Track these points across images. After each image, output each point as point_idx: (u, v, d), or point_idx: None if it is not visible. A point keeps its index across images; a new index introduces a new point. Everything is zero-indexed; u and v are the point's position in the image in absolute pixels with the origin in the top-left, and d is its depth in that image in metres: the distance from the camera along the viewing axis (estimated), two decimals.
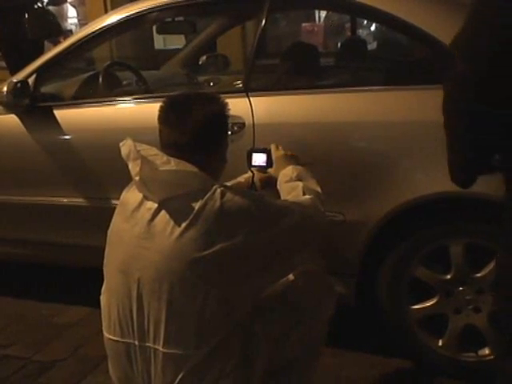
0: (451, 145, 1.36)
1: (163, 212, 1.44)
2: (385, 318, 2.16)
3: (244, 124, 2.17)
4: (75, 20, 7.63)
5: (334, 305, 1.76)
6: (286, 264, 1.60)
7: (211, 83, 3.09)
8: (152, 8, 2.50)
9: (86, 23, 4.08)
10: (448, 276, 2.01)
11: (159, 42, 6.52)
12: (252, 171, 1.92)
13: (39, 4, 4.74)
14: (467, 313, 2.01)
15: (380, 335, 2.24)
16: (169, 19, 3.13)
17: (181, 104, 1.56)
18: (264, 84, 2.52)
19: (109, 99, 2.57)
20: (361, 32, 6.65)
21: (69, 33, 5.30)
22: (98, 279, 1.61)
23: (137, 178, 1.45)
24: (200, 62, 3.53)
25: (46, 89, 2.69)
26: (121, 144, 1.50)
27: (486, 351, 2.02)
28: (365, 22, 6.53)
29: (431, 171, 1.92)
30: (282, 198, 1.74)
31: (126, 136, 1.52)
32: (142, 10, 2.50)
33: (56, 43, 3.84)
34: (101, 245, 1.59)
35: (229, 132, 1.66)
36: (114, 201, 1.76)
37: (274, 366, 1.61)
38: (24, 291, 2.91)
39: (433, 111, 1.47)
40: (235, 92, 2.33)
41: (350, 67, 2.79)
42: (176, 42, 5.07)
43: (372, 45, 5.41)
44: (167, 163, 1.44)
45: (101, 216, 1.73)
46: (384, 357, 2.23)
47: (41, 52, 4.15)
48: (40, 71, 2.57)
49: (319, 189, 1.75)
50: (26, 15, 4.56)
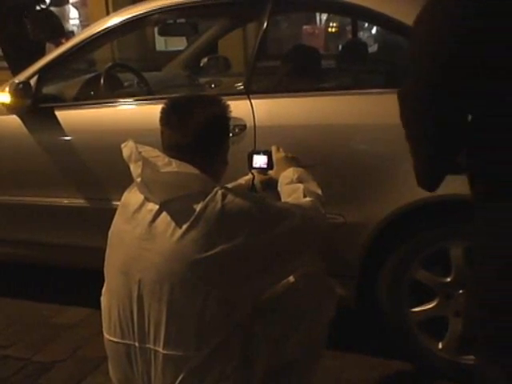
0: (412, 148, 1.31)
1: (164, 213, 1.44)
2: (385, 321, 2.16)
3: (245, 126, 2.17)
4: (77, 21, 7.65)
5: (335, 307, 1.76)
6: (287, 266, 1.60)
7: (212, 85, 3.09)
8: (154, 10, 2.50)
9: (88, 24, 4.09)
10: (448, 279, 2.01)
11: (161, 44, 6.53)
12: (253, 173, 1.92)
13: (42, 5, 4.74)
14: None
15: (380, 337, 2.24)
16: (170, 21, 3.14)
17: (182, 106, 1.56)
18: (265, 86, 2.53)
19: (110, 101, 2.57)
20: (362, 34, 6.65)
21: (71, 34, 5.30)
22: (98, 280, 1.61)
23: (138, 180, 1.45)
24: (201, 64, 3.53)
25: (48, 90, 2.69)
26: (122, 145, 1.51)
27: None
28: (366, 25, 6.53)
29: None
30: (283, 200, 1.74)
31: (128, 137, 1.52)
32: (144, 12, 2.51)
33: (58, 44, 3.84)
34: (101, 246, 1.59)
35: (230, 134, 1.66)
36: (115, 202, 1.76)
37: (274, 368, 1.61)
38: (24, 292, 2.90)
39: None
40: (236, 94, 2.33)
41: (351, 70, 2.79)
42: (177, 44, 5.08)
43: (373, 47, 5.41)
44: (169, 165, 1.44)
45: (102, 217, 1.73)
46: (384, 359, 2.23)
47: (42, 53, 4.16)
48: (42, 72, 2.57)
49: (320, 191, 1.76)
50: (28, 16, 4.56)
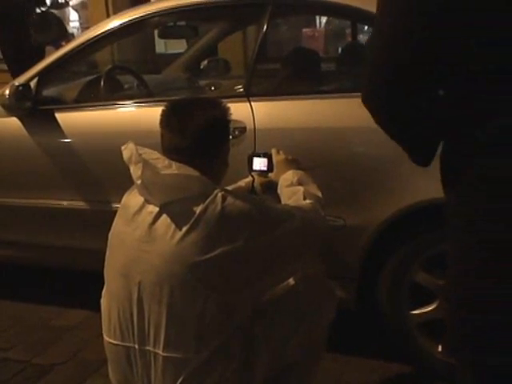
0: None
1: (164, 216, 1.44)
2: (385, 323, 2.16)
3: (245, 128, 2.18)
4: (77, 24, 7.66)
5: (335, 309, 1.76)
6: (287, 268, 1.60)
7: (212, 88, 3.10)
8: (154, 13, 2.51)
9: (88, 27, 4.10)
10: None
11: (160, 47, 6.52)
12: (252, 175, 1.92)
13: (42, 8, 4.75)
14: None
15: (380, 340, 2.24)
16: (170, 24, 3.14)
17: (182, 108, 1.56)
18: (265, 89, 2.53)
19: (110, 103, 2.58)
20: (361, 37, 6.66)
21: (71, 37, 5.30)
22: (98, 282, 1.61)
23: (138, 182, 1.45)
24: (201, 67, 3.54)
25: (48, 92, 2.69)
26: (123, 147, 1.50)
27: None
28: (365, 28, 6.53)
29: (432, 176, 1.90)
30: (283, 203, 1.74)
31: (128, 140, 1.52)
32: (144, 15, 2.51)
33: (58, 47, 3.84)
34: (101, 248, 1.59)
35: (230, 136, 1.66)
36: (115, 204, 1.76)
37: (274, 370, 1.61)
38: (24, 294, 2.90)
39: None
40: (236, 96, 2.34)
41: (351, 72, 2.80)
42: (177, 47, 5.08)
43: None
44: (169, 167, 1.44)
45: (102, 219, 1.73)
46: (384, 361, 2.23)
47: (42, 55, 4.16)
48: (42, 74, 2.57)
49: (320, 193, 1.76)
50: (30, 19, 4.58)
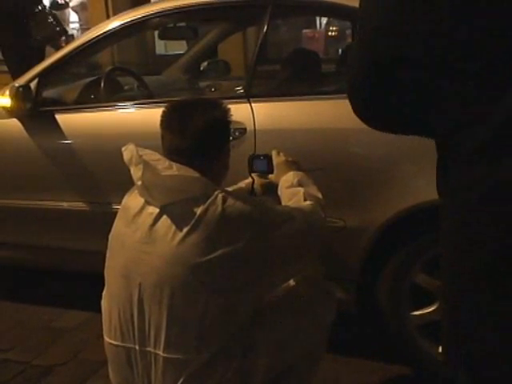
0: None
1: (165, 217, 1.44)
2: (385, 324, 2.16)
3: (245, 130, 2.18)
4: (77, 25, 7.65)
5: (335, 310, 1.76)
6: (287, 269, 1.60)
7: (212, 89, 3.10)
8: (154, 14, 2.51)
9: (88, 28, 4.10)
10: None
11: (161, 48, 6.53)
12: (253, 177, 1.92)
13: (39, 7, 4.76)
14: None
15: (380, 341, 2.24)
16: (171, 25, 3.14)
17: (183, 109, 1.56)
18: (265, 90, 2.53)
19: (110, 104, 2.58)
20: None
21: (70, 38, 5.30)
22: (98, 284, 1.61)
23: (139, 183, 1.45)
24: (201, 68, 3.54)
25: (48, 93, 2.69)
26: (123, 149, 1.51)
27: None
28: None
29: (433, 177, 1.90)
30: (283, 204, 1.74)
31: (128, 141, 1.53)
32: (144, 16, 2.51)
33: (58, 48, 3.85)
34: (102, 249, 1.59)
35: (230, 138, 1.66)
36: (116, 205, 1.76)
37: (275, 371, 1.61)
38: (24, 296, 2.90)
39: None
40: (236, 98, 2.33)
41: None
42: (177, 48, 5.08)
43: None
44: (169, 168, 1.44)
45: (102, 221, 1.73)
46: (384, 363, 2.23)
47: (42, 57, 4.17)
48: (42, 76, 2.57)
49: (320, 195, 1.75)
50: (30, 19, 4.59)
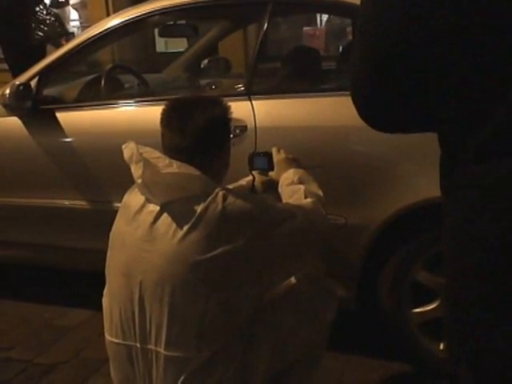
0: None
1: (165, 215, 1.44)
2: (386, 322, 2.16)
3: (246, 127, 2.17)
4: (77, 23, 7.65)
5: (335, 308, 1.76)
6: (287, 267, 1.60)
7: (213, 86, 3.09)
8: (154, 11, 2.50)
9: (88, 26, 4.08)
10: None
11: (161, 45, 6.52)
12: (253, 174, 1.92)
13: (41, 6, 4.76)
14: None
15: (381, 339, 2.24)
16: (171, 22, 3.13)
17: (183, 107, 1.56)
18: (266, 87, 2.52)
19: (111, 102, 2.57)
20: None
21: (71, 36, 5.30)
22: (100, 282, 1.61)
23: (139, 181, 1.45)
24: (202, 66, 3.53)
25: (49, 91, 2.69)
26: (123, 147, 1.51)
27: None
28: None
29: (433, 174, 1.88)
30: (284, 202, 1.74)
31: (128, 139, 1.52)
32: (144, 14, 2.51)
33: (59, 46, 3.85)
34: (102, 248, 1.59)
35: (231, 135, 1.66)
36: (116, 204, 1.76)
37: (275, 369, 1.61)
38: (26, 294, 2.90)
39: None
40: (237, 95, 2.33)
41: None
42: (178, 46, 5.08)
43: None
44: (169, 166, 1.44)
45: (103, 219, 1.73)
46: (385, 360, 2.23)
47: (43, 55, 4.17)
48: (42, 74, 2.57)
49: (321, 192, 1.75)
50: (31, 17, 4.60)
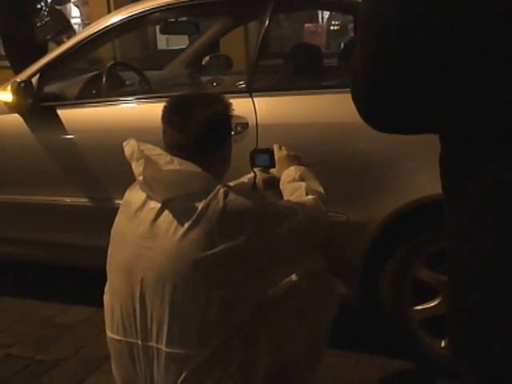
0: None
1: (166, 212, 1.44)
2: (387, 319, 2.15)
3: (247, 124, 2.17)
4: (78, 20, 7.64)
5: (337, 306, 1.76)
6: (288, 265, 1.60)
7: (214, 84, 3.09)
8: (155, 8, 2.50)
9: (89, 23, 4.08)
10: None
11: (162, 43, 6.52)
12: (254, 171, 1.92)
13: (42, 3, 4.76)
14: None
15: (382, 336, 2.23)
16: (172, 19, 3.13)
17: (184, 104, 1.56)
18: (267, 84, 2.53)
19: (112, 99, 2.57)
20: None
21: (72, 33, 5.30)
22: (101, 279, 1.61)
23: (140, 178, 1.45)
24: (203, 63, 3.52)
25: (50, 89, 2.69)
26: (124, 144, 1.50)
27: None
28: None
29: (435, 172, 1.88)
30: (285, 199, 1.74)
31: (130, 136, 1.52)
32: (145, 10, 2.50)
33: (60, 43, 3.84)
34: (103, 245, 1.59)
35: (232, 132, 1.66)
36: (118, 201, 1.76)
37: (277, 367, 1.61)
38: (27, 291, 2.90)
39: None
40: (238, 92, 2.33)
41: None
42: (179, 43, 5.08)
43: None
44: (171, 163, 1.44)
45: (104, 216, 1.73)
46: (386, 358, 2.23)
47: (44, 52, 4.16)
48: (43, 71, 2.57)
49: (322, 189, 1.75)
50: (32, 14, 4.60)
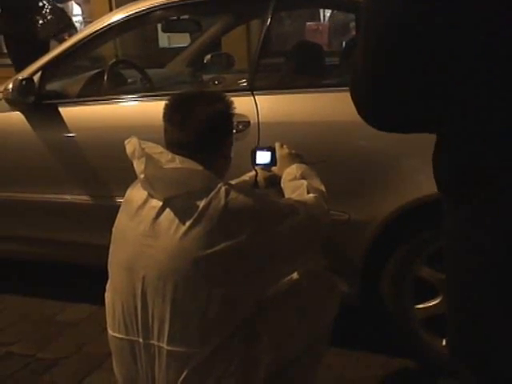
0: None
1: (168, 210, 1.44)
2: (388, 318, 2.15)
3: (249, 122, 2.17)
4: (80, 18, 7.64)
5: (338, 304, 1.76)
6: (289, 263, 1.60)
7: (216, 82, 3.09)
8: (157, 6, 2.50)
9: (91, 21, 4.08)
10: None
11: (164, 41, 6.52)
12: (256, 170, 1.92)
13: (44, 1, 4.76)
14: None
15: (383, 334, 2.23)
16: (174, 17, 3.13)
17: (186, 102, 1.55)
18: (269, 83, 2.52)
19: (113, 97, 2.57)
20: None
21: (74, 31, 5.30)
22: (102, 277, 1.61)
23: (141, 176, 1.45)
24: (205, 61, 3.52)
25: (51, 86, 2.69)
26: (126, 142, 1.50)
27: None
28: None
29: None
30: (286, 197, 1.74)
31: (131, 134, 1.52)
32: (147, 8, 2.50)
33: (61, 41, 3.85)
34: (105, 243, 1.59)
35: (233, 130, 1.66)
36: (119, 199, 1.76)
37: (278, 366, 1.61)
38: (28, 289, 2.91)
39: None
40: (240, 91, 2.33)
41: None
42: (181, 41, 5.07)
43: None
44: (172, 161, 1.44)
45: (105, 214, 1.73)
46: (387, 356, 2.23)
47: (46, 50, 4.16)
48: (45, 69, 2.57)
49: (323, 187, 1.75)
50: (34, 12, 4.61)
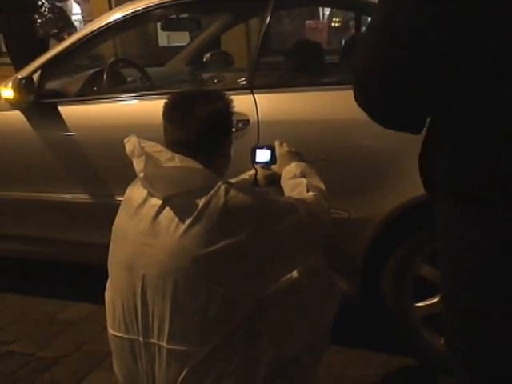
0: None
1: (167, 209, 1.44)
2: (388, 316, 2.15)
3: (248, 121, 2.17)
4: (79, 17, 7.65)
5: (338, 303, 1.76)
6: (289, 261, 1.60)
7: (215, 80, 3.08)
8: (156, 5, 2.50)
9: (91, 20, 4.09)
10: None
11: (163, 39, 6.52)
12: (255, 168, 1.92)
13: (43, 0, 4.77)
14: None
15: (383, 333, 2.23)
16: (173, 16, 3.13)
17: (185, 101, 1.55)
18: (268, 81, 2.52)
19: (113, 96, 2.57)
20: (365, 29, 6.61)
21: (73, 29, 5.31)
22: (102, 276, 1.61)
23: (141, 175, 1.45)
24: (204, 59, 3.52)
25: (51, 85, 2.69)
26: (125, 140, 1.50)
27: None
28: (369, 19, 6.50)
29: None
30: (286, 195, 1.73)
31: (131, 133, 1.52)
32: (147, 7, 2.50)
33: (61, 40, 3.85)
34: (105, 242, 1.59)
35: (233, 129, 1.66)
36: (119, 197, 1.76)
37: (278, 365, 1.61)
38: (28, 288, 2.91)
39: None
40: (240, 89, 2.33)
41: None
42: (180, 39, 5.07)
43: None
44: (172, 160, 1.44)
45: (105, 212, 1.73)
46: (387, 355, 2.23)
47: (46, 49, 4.16)
48: (45, 68, 2.57)
49: (323, 186, 1.75)
50: (34, 11, 4.61)
